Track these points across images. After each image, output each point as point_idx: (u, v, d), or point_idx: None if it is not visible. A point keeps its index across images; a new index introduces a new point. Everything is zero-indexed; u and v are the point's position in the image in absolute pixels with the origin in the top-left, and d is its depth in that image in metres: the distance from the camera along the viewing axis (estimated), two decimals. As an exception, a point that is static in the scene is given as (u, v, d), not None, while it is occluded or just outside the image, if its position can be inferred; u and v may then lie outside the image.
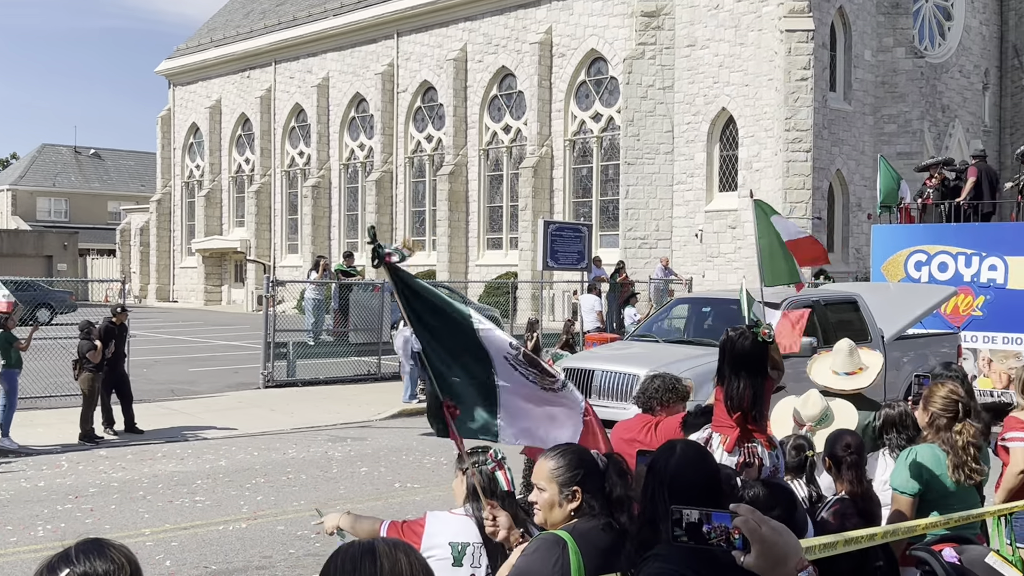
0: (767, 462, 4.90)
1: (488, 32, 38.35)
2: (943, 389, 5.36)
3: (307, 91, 46.06)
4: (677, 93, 31.48)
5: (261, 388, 19.02)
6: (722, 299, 14.37)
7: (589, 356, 13.30)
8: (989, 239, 15.42)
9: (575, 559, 3.40)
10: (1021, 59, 37.43)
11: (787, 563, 2.19)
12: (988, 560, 4.40)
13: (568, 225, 26.55)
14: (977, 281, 15.30)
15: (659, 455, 3.07)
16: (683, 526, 2.26)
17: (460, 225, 39.33)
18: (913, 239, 16.24)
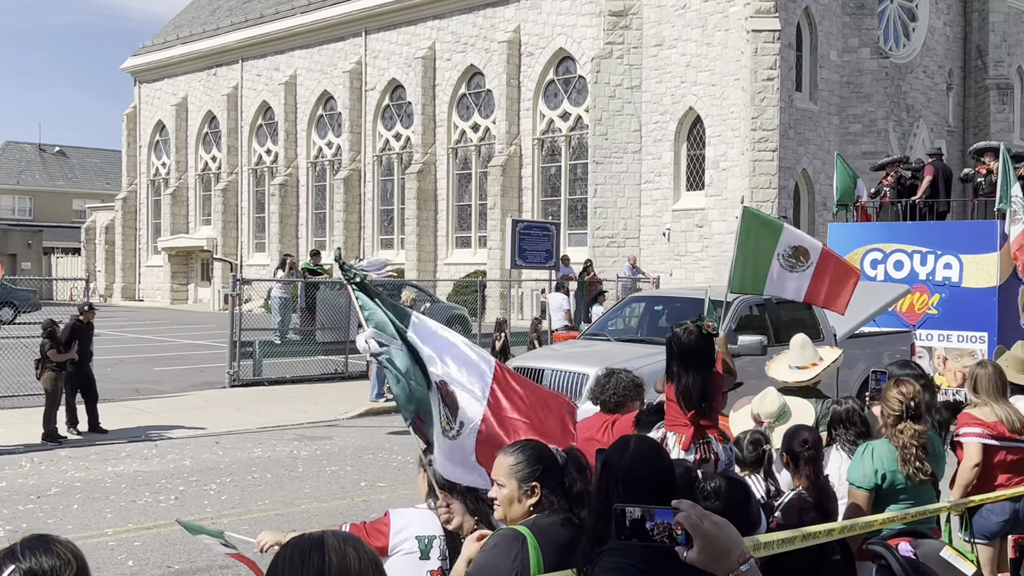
0: (723, 456, 4.94)
1: (456, 30, 38.31)
2: (894, 389, 5.46)
3: (274, 89, 45.82)
4: (645, 92, 31.59)
5: (227, 387, 18.90)
6: (675, 297, 14.29)
7: (539, 355, 13.05)
8: (944, 237, 15.45)
9: (534, 554, 3.42)
10: (984, 60, 37.87)
11: (729, 557, 2.22)
12: (943, 554, 4.46)
13: (536, 224, 26.57)
14: (932, 279, 15.33)
15: (613, 451, 3.10)
16: (627, 524, 2.27)
17: (429, 224, 39.27)
18: (869, 237, 16.25)
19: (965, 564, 4.42)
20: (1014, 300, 14.95)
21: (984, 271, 14.79)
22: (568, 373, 11.62)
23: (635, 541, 2.27)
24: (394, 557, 4.09)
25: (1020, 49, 39.51)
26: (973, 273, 14.86)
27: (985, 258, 14.81)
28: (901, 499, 5.26)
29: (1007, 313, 14.74)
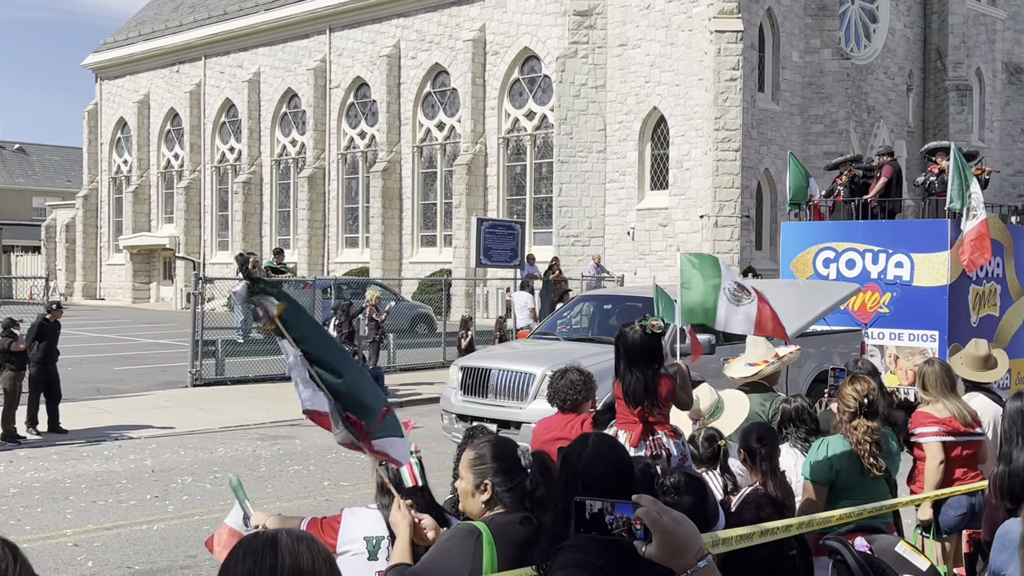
0: (675, 451, 4.97)
1: (421, 29, 38.24)
2: (850, 386, 5.54)
3: (238, 86, 45.50)
4: (609, 92, 31.71)
5: (189, 387, 18.77)
6: (625, 296, 14.25)
7: (486, 355, 12.88)
8: (896, 237, 15.42)
9: (488, 550, 3.43)
10: (944, 61, 38.34)
11: (687, 553, 2.23)
12: (898, 549, 4.53)
13: (502, 223, 26.63)
14: (884, 278, 15.27)
15: (572, 448, 3.12)
16: (587, 517, 2.29)
17: (394, 222, 39.17)
18: (822, 236, 16.20)
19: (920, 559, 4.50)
20: (965, 299, 14.98)
21: (935, 270, 14.81)
22: (515, 373, 11.48)
23: (594, 534, 2.29)
24: (343, 557, 4.09)
25: (979, 51, 40.04)
26: (924, 272, 14.87)
27: (936, 257, 14.81)
28: (855, 495, 5.34)
29: (958, 312, 14.77)
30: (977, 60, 39.87)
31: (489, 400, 11.52)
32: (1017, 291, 16.06)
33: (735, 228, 28.34)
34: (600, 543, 2.75)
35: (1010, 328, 15.62)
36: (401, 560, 3.65)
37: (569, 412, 6.11)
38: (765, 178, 30.68)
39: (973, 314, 15.00)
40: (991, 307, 15.45)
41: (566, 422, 6.05)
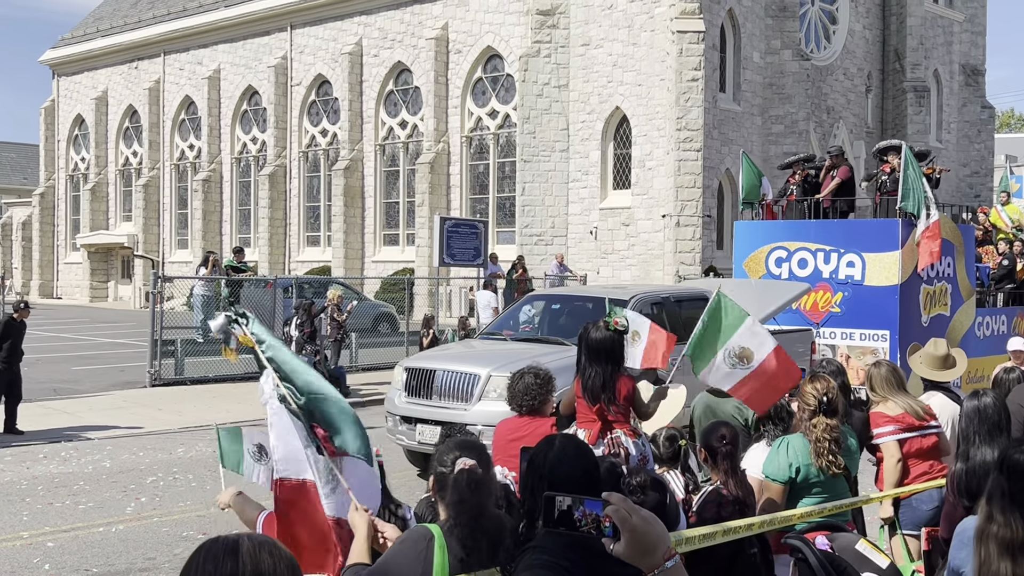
0: (633, 451, 4.97)
1: (384, 27, 38.10)
2: (809, 385, 5.59)
3: (198, 83, 45.09)
4: (572, 92, 31.76)
5: (148, 387, 18.57)
6: (573, 296, 14.13)
7: (431, 355, 12.56)
8: (847, 236, 15.42)
9: (440, 554, 3.44)
10: (902, 63, 38.79)
11: (655, 552, 2.24)
12: (858, 547, 4.57)
13: (465, 221, 26.58)
14: (835, 278, 15.31)
15: (538, 450, 3.12)
16: (555, 513, 2.29)
17: (356, 221, 39.00)
18: (774, 235, 16.21)
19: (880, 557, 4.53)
20: (915, 298, 15.05)
21: (886, 269, 14.84)
22: (459, 374, 11.22)
23: (563, 530, 2.29)
24: None
25: (936, 53, 40.53)
26: (875, 272, 14.91)
27: (887, 256, 14.85)
28: (815, 492, 5.39)
29: (908, 311, 14.83)
30: (935, 62, 40.36)
31: (433, 402, 11.26)
32: (968, 291, 16.18)
33: (697, 228, 28.50)
34: (566, 543, 2.75)
35: (961, 327, 15.74)
36: (359, 560, 3.64)
37: (527, 415, 6.05)
38: (726, 178, 30.86)
39: (924, 314, 15.09)
40: (942, 307, 15.54)
41: (526, 425, 5.98)
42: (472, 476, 3.52)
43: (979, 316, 16.49)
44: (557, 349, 11.42)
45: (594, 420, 5.13)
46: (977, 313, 16.43)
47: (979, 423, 5.05)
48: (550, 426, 5.96)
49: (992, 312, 17.17)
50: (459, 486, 3.51)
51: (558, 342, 11.86)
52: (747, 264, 16.21)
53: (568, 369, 10.75)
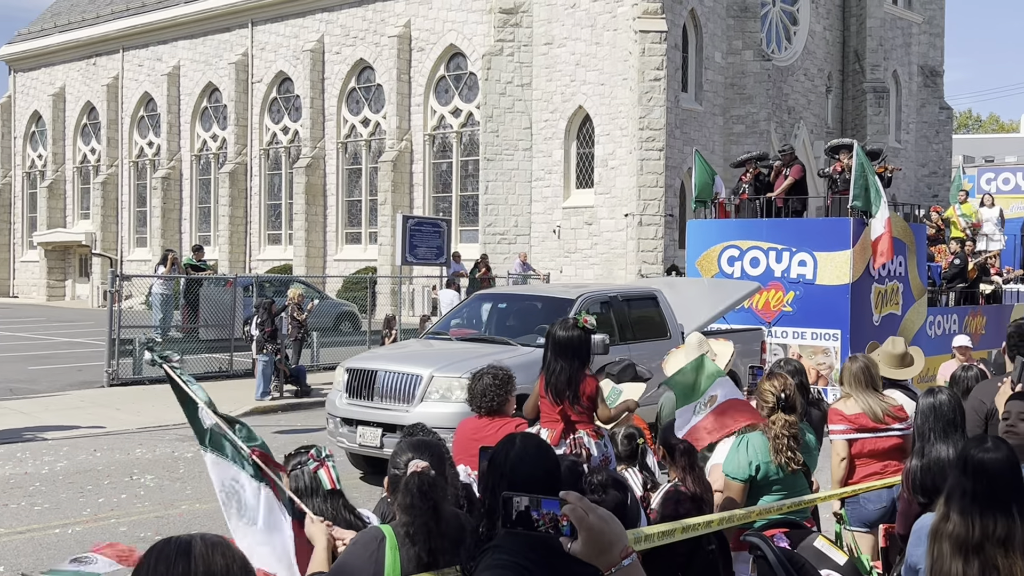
0: (595, 451, 4.96)
1: (346, 24, 37.92)
2: (767, 382, 5.62)
3: (157, 80, 44.65)
4: (535, 90, 31.79)
5: (105, 386, 18.35)
6: (519, 295, 13.98)
7: (373, 356, 12.21)
8: (799, 235, 15.33)
9: (391, 554, 3.43)
10: (862, 64, 39.19)
11: (612, 550, 2.25)
12: (816, 544, 4.60)
13: (427, 220, 26.51)
14: (787, 277, 15.19)
15: (499, 449, 3.11)
16: (513, 513, 2.29)
17: (318, 219, 38.80)
18: (726, 234, 16.11)
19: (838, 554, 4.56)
20: (867, 297, 15.01)
21: (837, 268, 14.74)
22: (401, 375, 10.92)
23: (520, 530, 2.29)
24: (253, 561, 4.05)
25: (895, 54, 41.00)
26: (827, 271, 14.80)
27: (838, 255, 14.75)
28: (774, 490, 5.42)
29: (860, 310, 14.82)
30: (894, 63, 40.82)
31: (374, 403, 10.99)
32: (919, 290, 16.22)
33: (659, 227, 28.63)
34: (526, 543, 2.74)
35: (912, 327, 15.75)
36: (319, 569, 3.64)
37: (486, 416, 6.02)
38: (688, 177, 31.00)
39: (875, 313, 15.11)
40: (893, 306, 15.55)
41: (487, 426, 5.94)
42: (423, 479, 3.50)
43: (930, 315, 16.52)
44: (503, 349, 11.34)
45: (557, 420, 5.11)
46: (928, 312, 16.47)
47: (934, 420, 5.10)
48: (514, 427, 5.93)
49: (943, 311, 17.22)
50: (410, 489, 3.50)
51: (504, 342, 11.78)
52: (700, 263, 16.16)
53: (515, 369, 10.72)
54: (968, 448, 3.63)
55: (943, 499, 3.59)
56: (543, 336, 11.47)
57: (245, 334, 19.29)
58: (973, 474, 3.48)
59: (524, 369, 10.55)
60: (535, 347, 11.35)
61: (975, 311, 17.89)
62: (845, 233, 14.86)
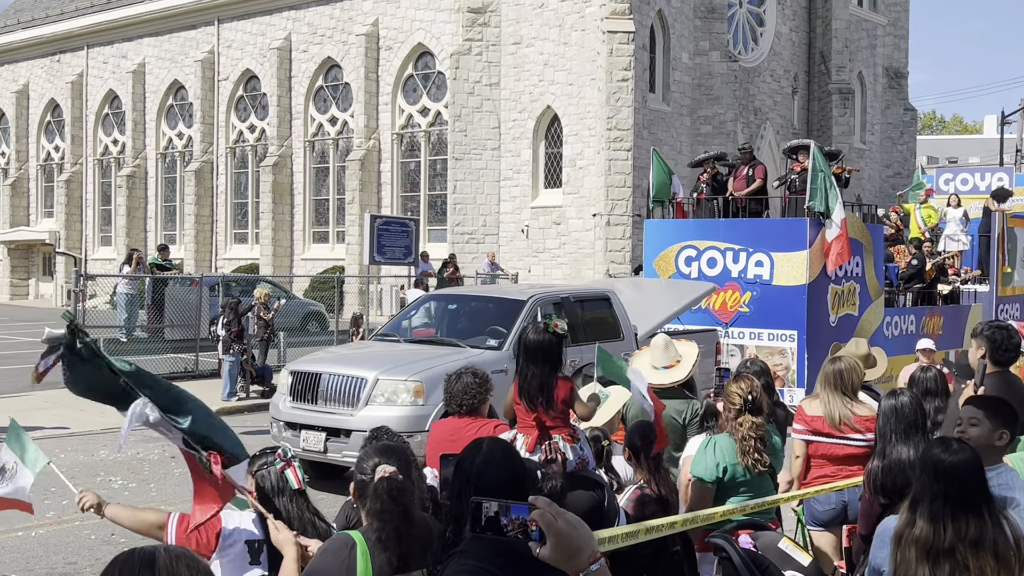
0: (570, 455, 4.97)
1: (313, 22, 37.75)
2: (734, 384, 5.65)
3: (122, 77, 44.23)
4: (504, 90, 31.79)
5: (70, 387, 18.13)
6: (472, 296, 13.74)
7: (317, 358, 11.85)
8: (756, 235, 15.17)
9: (363, 560, 3.43)
10: (827, 65, 39.50)
11: (581, 556, 2.25)
12: (781, 545, 4.64)
13: (395, 219, 26.44)
14: (744, 277, 15.01)
15: (466, 454, 3.10)
16: (483, 518, 2.29)
17: (285, 218, 38.60)
18: (684, 234, 15.94)
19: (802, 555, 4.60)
20: (823, 298, 14.86)
21: (794, 269, 14.60)
22: (345, 377, 10.60)
23: (490, 535, 2.30)
24: (223, 560, 4.04)
25: (861, 56, 41.36)
26: (783, 271, 14.65)
27: (795, 256, 14.60)
28: (741, 491, 5.45)
29: (816, 311, 14.69)
30: (859, 64, 41.17)
31: (318, 407, 10.69)
32: (876, 290, 16.11)
33: (627, 227, 28.71)
34: (493, 547, 2.74)
35: (869, 327, 15.60)
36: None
37: (465, 416, 6.02)
38: (656, 177, 31.15)
39: (832, 314, 14.99)
40: (850, 306, 15.41)
41: (467, 426, 5.93)
42: (392, 484, 3.50)
43: (888, 316, 16.38)
44: (452, 351, 11.19)
45: (532, 426, 5.11)
46: (886, 313, 16.32)
47: (896, 421, 5.14)
48: (493, 428, 5.92)
49: (901, 312, 17.05)
50: (380, 495, 3.49)
51: (452, 344, 11.56)
52: (657, 263, 16.02)
53: None
54: (934, 452, 3.65)
55: (907, 504, 3.62)
56: (494, 338, 11.51)
57: (211, 334, 19.16)
58: (944, 478, 3.50)
59: None
60: (484, 349, 11.31)
61: (932, 312, 17.68)
62: (801, 234, 14.66)
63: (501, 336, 11.51)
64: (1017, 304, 19.90)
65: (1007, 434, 4.44)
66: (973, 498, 3.48)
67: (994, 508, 3.50)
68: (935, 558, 3.42)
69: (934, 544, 3.42)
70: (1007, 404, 4.65)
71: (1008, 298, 19.56)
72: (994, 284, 19.09)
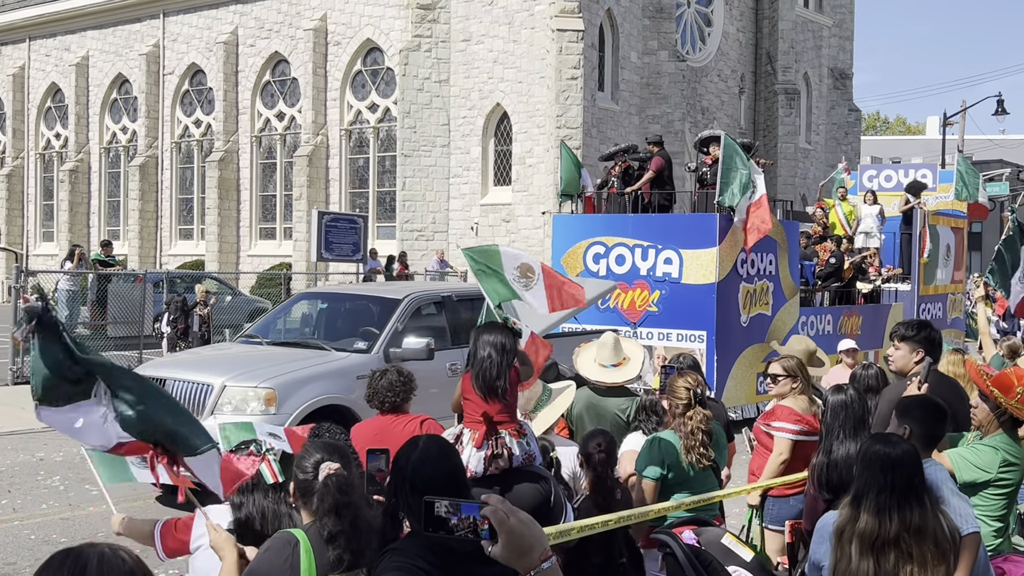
0: (517, 451, 4.98)
1: (260, 16, 37.38)
2: (680, 380, 5.69)
3: (65, 70, 43.48)
4: (453, 87, 31.73)
5: (10, 384, 17.85)
6: (344, 295, 13.05)
7: (166, 362, 11.21)
8: (665, 231, 14.36)
9: (306, 558, 3.41)
10: (774, 66, 39.93)
11: (532, 553, 2.25)
12: (724, 541, 4.68)
13: (344, 216, 26.27)
14: (653, 275, 14.25)
15: (402, 451, 3.09)
16: (432, 517, 2.28)
17: (231, 214, 38.19)
18: (592, 230, 15.05)
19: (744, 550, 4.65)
20: (734, 297, 14.10)
21: (703, 267, 13.85)
22: (191, 384, 9.89)
23: (441, 535, 2.28)
24: (197, 553, 4.03)
25: (806, 56, 41.86)
26: (693, 269, 13.93)
27: (704, 253, 13.82)
28: (686, 487, 5.49)
29: (726, 311, 14.03)
30: (805, 65, 41.67)
31: None
32: (791, 289, 15.33)
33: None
34: (424, 545, 2.73)
35: (783, 327, 14.81)
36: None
37: (388, 414, 6.01)
38: (604, 175, 31.28)
39: (743, 313, 14.32)
40: (763, 306, 14.62)
41: (391, 424, 5.90)
42: (340, 479, 3.48)
43: (803, 315, 15.58)
44: (313, 354, 10.64)
45: (480, 421, 5.10)
46: (801, 313, 15.54)
47: (844, 418, 5.21)
48: (419, 424, 5.90)
49: (817, 311, 16.27)
50: (331, 491, 3.47)
51: (318, 346, 10.94)
52: (565, 260, 15.04)
53: (322, 377, 9.89)
54: (875, 447, 3.73)
55: (849, 500, 3.68)
56: (365, 339, 10.95)
57: (155, 331, 18.92)
58: (890, 469, 3.59)
59: (332, 378, 10.01)
60: (351, 352, 10.61)
61: (851, 311, 16.89)
62: (711, 229, 13.84)
63: (372, 338, 10.82)
64: (940, 303, 19.20)
65: (907, 429, 4.53)
66: (918, 487, 3.57)
67: (933, 497, 3.60)
68: (880, 549, 3.49)
69: (880, 535, 3.49)
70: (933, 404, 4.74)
71: (931, 297, 18.82)
72: (915, 283, 18.24)
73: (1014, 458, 5.01)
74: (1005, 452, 5.03)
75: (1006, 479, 4.98)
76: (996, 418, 5.14)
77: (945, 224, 19.60)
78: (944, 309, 19.39)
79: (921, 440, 4.47)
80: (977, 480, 4.93)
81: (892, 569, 3.45)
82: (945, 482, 4.27)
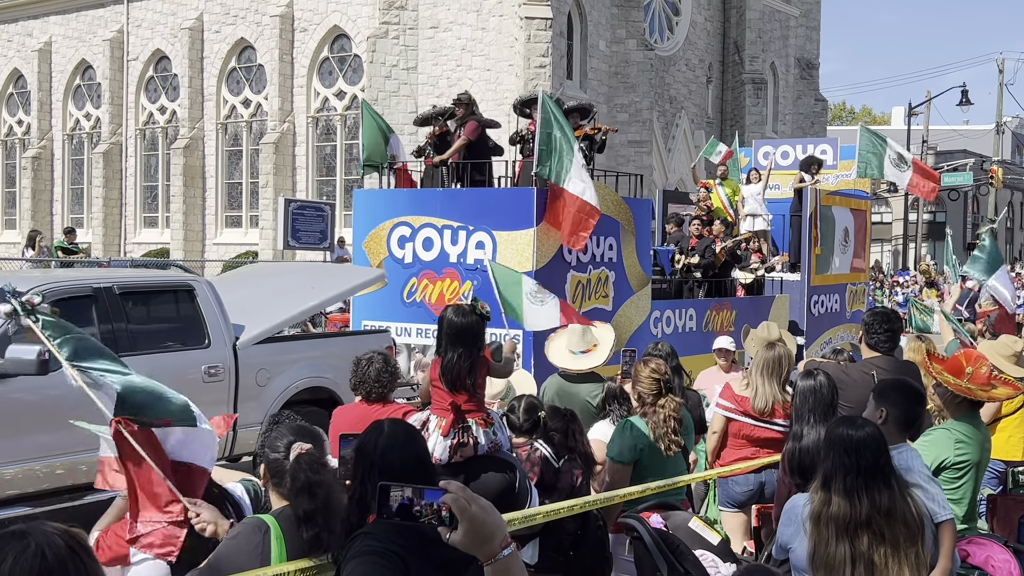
0: (483, 440, 4.94)
1: (226, 2, 37.01)
2: (647, 368, 5.68)
3: (27, 56, 42.88)
4: (421, 75, 31.60)
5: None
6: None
7: None
8: (476, 209, 11.72)
9: (277, 544, 3.38)
10: (741, 55, 40.10)
11: (493, 541, 2.25)
12: (691, 525, 4.69)
13: (311, 204, 26.08)
14: (464, 262, 11.70)
15: (367, 436, 3.07)
16: (392, 503, 2.24)
17: (196, 202, 37.87)
18: (397, 208, 12.37)
19: (711, 534, 4.66)
20: (560, 289, 11.10)
21: (519, 252, 11.21)
22: None
23: (398, 520, 2.25)
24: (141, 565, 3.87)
25: (774, 46, 42.07)
26: (508, 254, 11.23)
27: (521, 235, 11.24)
28: (658, 472, 5.50)
29: None
30: (772, 55, 41.87)
31: None
32: (639, 279, 12.71)
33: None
34: (397, 528, 2.71)
35: (629, 324, 12.39)
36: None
37: (376, 403, 5.97)
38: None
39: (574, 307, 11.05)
40: (600, 299, 12.10)
41: (380, 411, 5.86)
42: (313, 459, 3.46)
43: (656, 310, 12.96)
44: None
45: (447, 410, 5.04)
46: (653, 307, 12.91)
47: (814, 403, 5.22)
48: (402, 414, 5.85)
49: (675, 305, 13.56)
50: (303, 469, 3.44)
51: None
52: (367, 244, 12.62)
53: None
54: (840, 430, 3.74)
55: (819, 484, 3.69)
56: None
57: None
58: (856, 451, 3.61)
59: None
60: None
61: (720, 304, 14.24)
62: (528, 207, 11.24)
63: None
64: (836, 294, 16.77)
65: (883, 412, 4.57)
66: (883, 469, 3.59)
67: (901, 480, 3.63)
68: (853, 532, 3.51)
69: (852, 518, 3.52)
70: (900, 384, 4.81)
71: (825, 287, 16.34)
72: (806, 271, 15.71)
73: (966, 436, 5.16)
74: (957, 431, 5.18)
75: (962, 459, 5.10)
76: (953, 403, 5.25)
77: (843, 205, 17.14)
78: (842, 301, 17.02)
79: (898, 423, 4.51)
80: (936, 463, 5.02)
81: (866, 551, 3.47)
82: (920, 468, 4.31)
